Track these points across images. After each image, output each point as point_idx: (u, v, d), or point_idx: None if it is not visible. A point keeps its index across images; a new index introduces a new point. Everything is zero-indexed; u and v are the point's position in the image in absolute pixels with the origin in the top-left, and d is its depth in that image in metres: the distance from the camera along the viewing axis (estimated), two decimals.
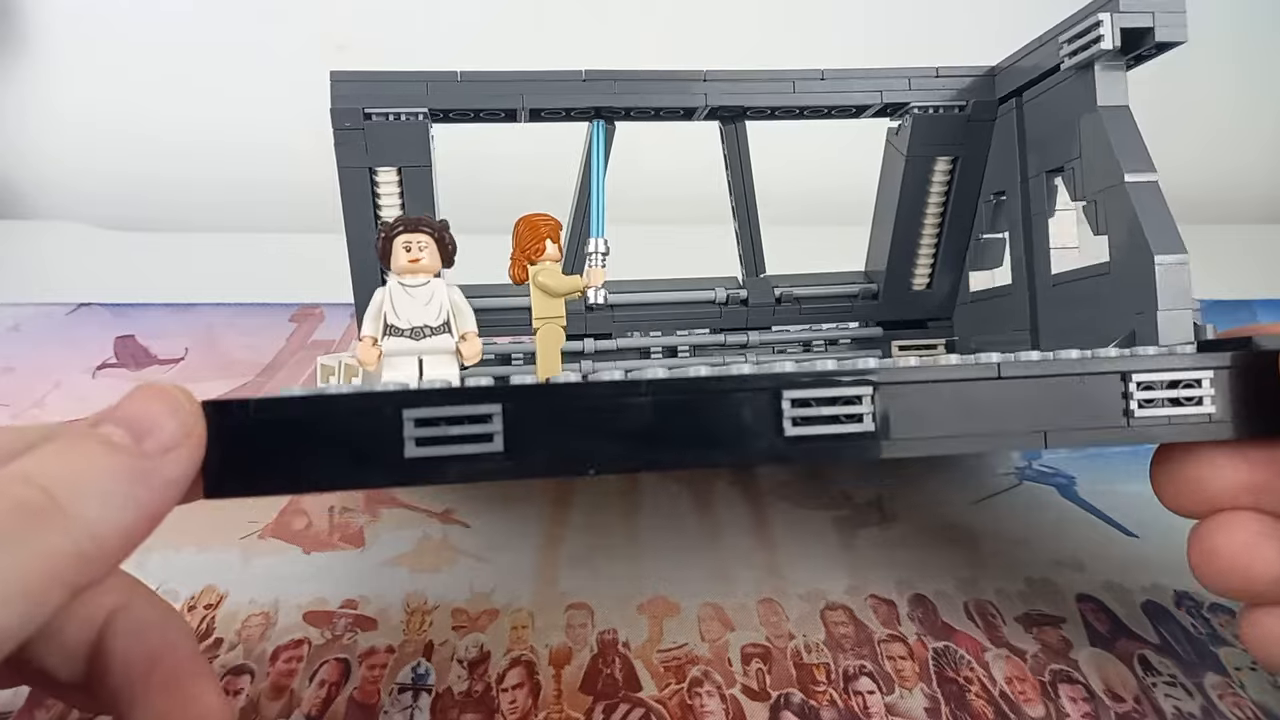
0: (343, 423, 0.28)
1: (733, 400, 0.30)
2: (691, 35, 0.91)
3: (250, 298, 0.72)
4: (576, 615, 0.42)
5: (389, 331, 0.35)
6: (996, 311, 0.52)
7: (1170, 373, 0.32)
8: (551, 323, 0.43)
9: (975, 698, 0.38)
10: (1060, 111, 0.44)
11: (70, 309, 0.71)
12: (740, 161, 0.52)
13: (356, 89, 0.46)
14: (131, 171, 0.89)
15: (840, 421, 0.30)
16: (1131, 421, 0.32)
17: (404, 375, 0.35)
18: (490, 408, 0.29)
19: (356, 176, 0.47)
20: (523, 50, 0.88)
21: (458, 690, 0.37)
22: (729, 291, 0.54)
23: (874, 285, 0.56)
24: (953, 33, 0.77)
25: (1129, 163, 0.39)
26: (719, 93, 0.49)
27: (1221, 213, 0.88)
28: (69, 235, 0.83)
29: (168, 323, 0.69)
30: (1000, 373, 0.31)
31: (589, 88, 0.48)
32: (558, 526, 0.49)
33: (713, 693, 0.37)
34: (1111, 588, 0.45)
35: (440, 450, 0.29)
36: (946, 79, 0.51)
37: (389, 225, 0.36)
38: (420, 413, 0.29)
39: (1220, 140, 0.93)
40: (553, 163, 0.58)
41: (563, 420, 0.29)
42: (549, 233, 0.43)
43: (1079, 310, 0.44)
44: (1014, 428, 0.32)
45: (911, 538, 0.49)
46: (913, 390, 0.31)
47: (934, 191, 0.53)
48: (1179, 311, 0.37)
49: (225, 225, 0.83)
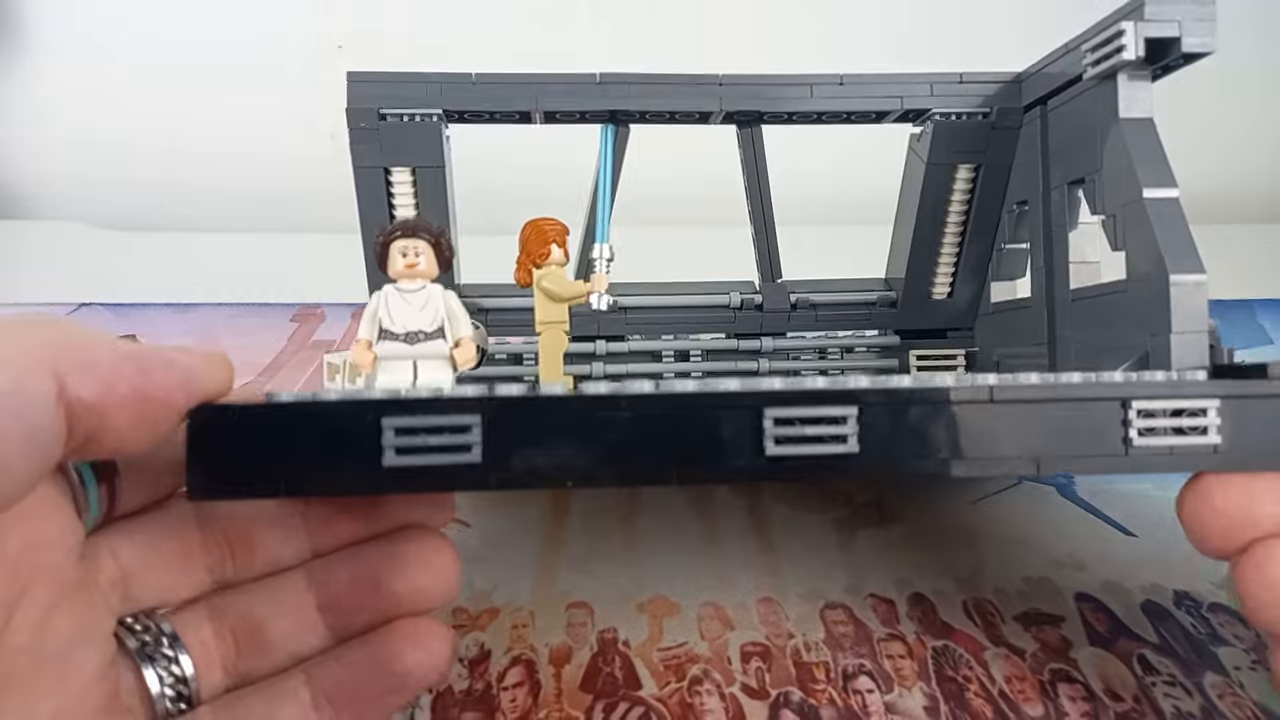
0: (324, 430, 0.29)
1: (714, 417, 0.30)
2: (715, 37, 0.91)
3: (250, 298, 0.73)
4: (577, 614, 0.42)
5: (383, 335, 0.35)
6: (1017, 324, 0.50)
7: (1173, 400, 0.31)
8: (554, 327, 0.43)
9: (974, 697, 0.37)
10: (1083, 122, 0.43)
11: (71, 309, 0.71)
12: (756, 165, 0.52)
13: (372, 89, 0.47)
14: (131, 171, 0.90)
15: (824, 442, 0.30)
16: (1130, 450, 0.31)
17: (398, 379, 0.36)
18: (469, 418, 0.29)
19: (371, 176, 0.48)
20: (541, 50, 0.89)
21: (458, 689, 0.38)
22: (744, 296, 0.54)
23: (893, 293, 0.55)
24: (987, 35, 0.75)
25: (1149, 178, 0.38)
26: (734, 97, 0.48)
27: (1221, 213, 0.86)
28: (69, 235, 0.84)
29: (168, 323, 0.70)
30: (993, 396, 0.31)
31: (603, 90, 0.48)
32: (558, 526, 0.49)
33: (712, 691, 0.37)
34: (1111, 587, 0.44)
35: (419, 460, 0.29)
36: (971, 84, 0.49)
37: (385, 230, 0.36)
38: (400, 421, 0.29)
39: (1221, 140, 0.91)
40: (573, 164, 0.57)
41: (542, 433, 0.29)
42: (555, 237, 0.43)
43: (1097, 328, 0.42)
44: (1006, 453, 0.31)
45: (911, 537, 0.48)
46: (900, 411, 0.30)
47: (955, 199, 0.52)
48: (1193, 335, 0.36)
49: (225, 225, 0.84)
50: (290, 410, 0.29)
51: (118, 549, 0.29)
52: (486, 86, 0.47)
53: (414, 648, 0.31)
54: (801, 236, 0.57)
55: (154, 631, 0.29)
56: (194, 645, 0.30)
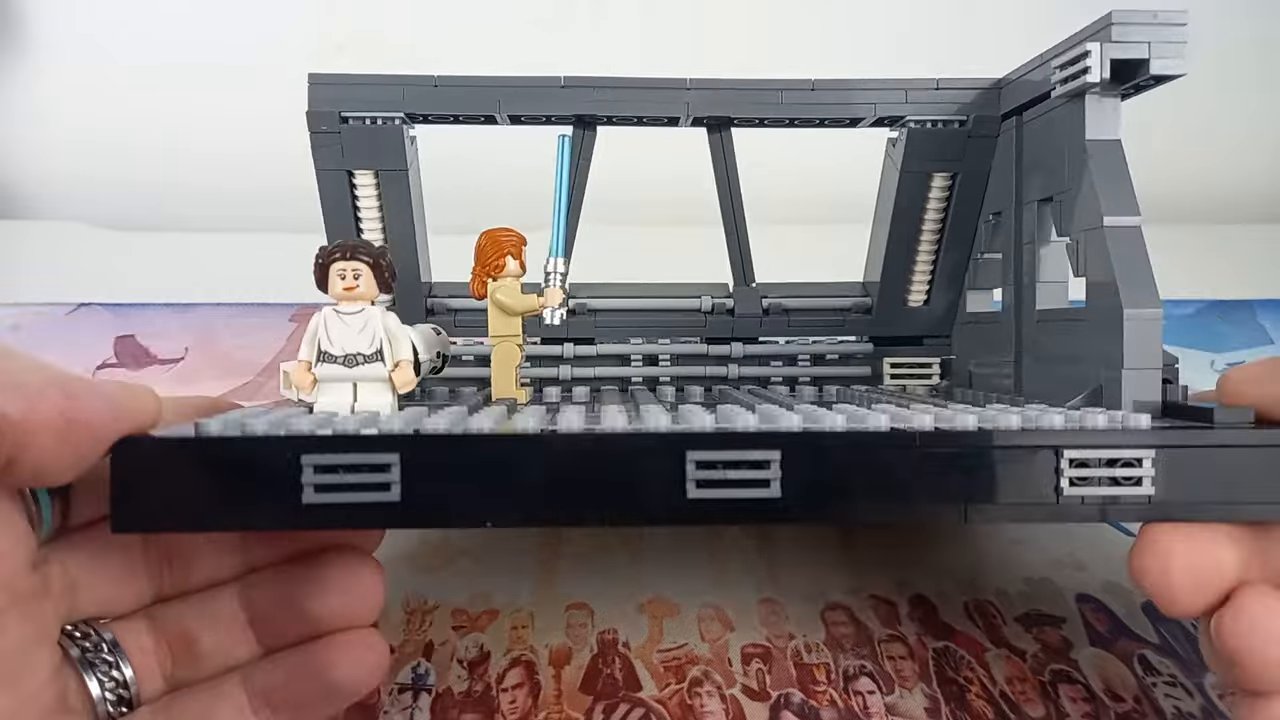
0: (245, 466, 0.29)
1: (635, 458, 0.30)
2: (694, 40, 0.89)
3: (250, 298, 0.73)
4: (576, 615, 0.42)
5: (322, 358, 0.35)
6: (991, 335, 0.49)
7: (1107, 450, 0.30)
8: (507, 341, 0.43)
9: (975, 698, 0.37)
10: (1054, 138, 0.42)
11: (70, 309, 0.72)
12: (727, 168, 0.51)
13: (333, 92, 0.46)
14: (131, 171, 0.90)
15: (746, 486, 0.30)
16: (1061, 499, 0.30)
17: (338, 401, 0.36)
18: (388, 457, 0.29)
19: (335, 179, 0.48)
20: (541, 50, 0.88)
21: (458, 690, 0.38)
22: (715, 301, 0.53)
23: (868, 299, 0.54)
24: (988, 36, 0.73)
25: (1110, 204, 0.37)
26: (702, 102, 0.47)
27: (1222, 213, 0.85)
28: (69, 235, 0.84)
29: (168, 323, 0.70)
30: (919, 442, 0.30)
31: (568, 95, 0.47)
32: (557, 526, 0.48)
33: (713, 693, 0.38)
34: (1111, 588, 0.44)
35: (338, 497, 0.29)
36: (948, 90, 0.48)
37: (324, 250, 0.36)
38: (320, 459, 0.29)
39: (1221, 140, 0.89)
40: None
41: (461, 472, 0.29)
42: (511, 248, 0.43)
43: (1060, 350, 0.41)
44: (932, 500, 0.30)
45: (911, 538, 0.48)
46: (825, 456, 0.30)
47: (931, 207, 0.50)
48: (1146, 370, 0.35)
49: (225, 225, 0.84)
50: (212, 445, 0.29)
51: (67, 560, 0.30)
52: (449, 90, 0.47)
53: (347, 659, 0.32)
54: (804, 237, 0.56)
55: (94, 639, 0.30)
56: (134, 653, 0.30)
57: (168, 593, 0.32)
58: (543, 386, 0.53)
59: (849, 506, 0.30)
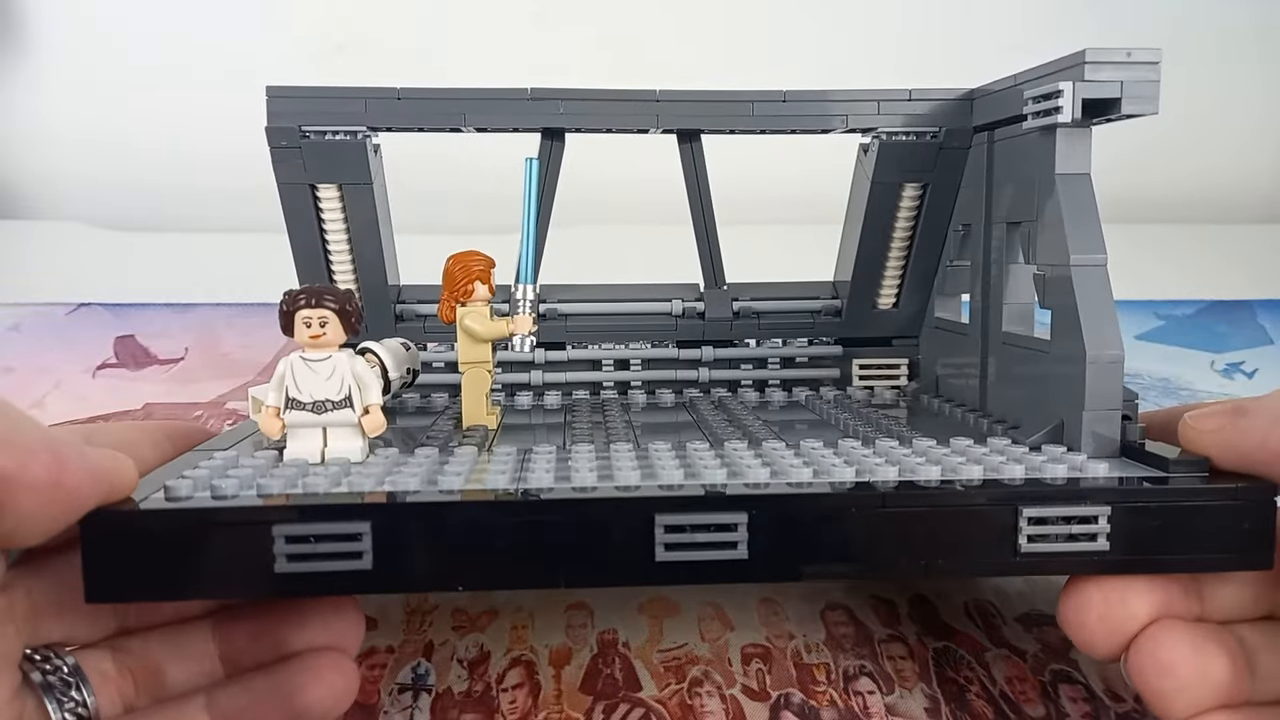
0: (216, 537, 0.29)
1: (605, 523, 0.30)
2: (667, 50, 0.89)
3: (250, 298, 0.72)
4: (576, 615, 0.42)
5: (290, 404, 0.35)
6: (958, 342, 0.50)
7: (1064, 508, 0.31)
8: (477, 367, 0.43)
9: (975, 698, 0.38)
10: (1024, 165, 0.41)
11: (70, 309, 0.71)
12: (697, 175, 0.50)
13: (292, 105, 0.45)
14: (132, 172, 0.89)
15: (713, 548, 0.30)
16: (1019, 555, 0.31)
17: (307, 447, 0.35)
18: (360, 526, 0.29)
19: (297, 193, 0.47)
20: (541, 50, 0.87)
21: (458, 690, 0.38)
22: (686, 304, 0.53)
23: (838, 301, 0.54)
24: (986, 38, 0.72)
25: (1077, 243, 0.37)
26: (672, 115, 0.47)
27: (1222, 213, 0.85)
28: (69, 235, 0.83)
29: (167, 323, 0.70)
30: (885, 503, 0.31)
31: (535, 107, 0.46)
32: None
33: (713, 693, 0.38)
34: None
35: (310, 566, 0.29)
36: (920, 102, 0.47)
37: (290, 297, 0.35)
38: (291, 530, 0.29)
39: (1223, 141, 0.89)
40: None
41: (432, 538, 0.30)
42: (479, 274, 0.42)
43: (1023, 376, 0.42)
44: (896, 558, 0.31)
45: None
46: (791, 517, 0.30)
47: (901, 216, 0.50)
48: (1106, 412, 0.36)
49: (225, 225, 0.83)
50: (182, 517, 0.29)
51: (32, 586, 0.30)
52: (412, 103, 0.45)
53: (316, 683, 0.32)
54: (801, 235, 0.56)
55: (55, 662, 0.29)
56: (96, 678, 0.30)
57: (134, 625, 0.32)
58: (515, 393, 0.53)
59: (814, 566, 0.31)
